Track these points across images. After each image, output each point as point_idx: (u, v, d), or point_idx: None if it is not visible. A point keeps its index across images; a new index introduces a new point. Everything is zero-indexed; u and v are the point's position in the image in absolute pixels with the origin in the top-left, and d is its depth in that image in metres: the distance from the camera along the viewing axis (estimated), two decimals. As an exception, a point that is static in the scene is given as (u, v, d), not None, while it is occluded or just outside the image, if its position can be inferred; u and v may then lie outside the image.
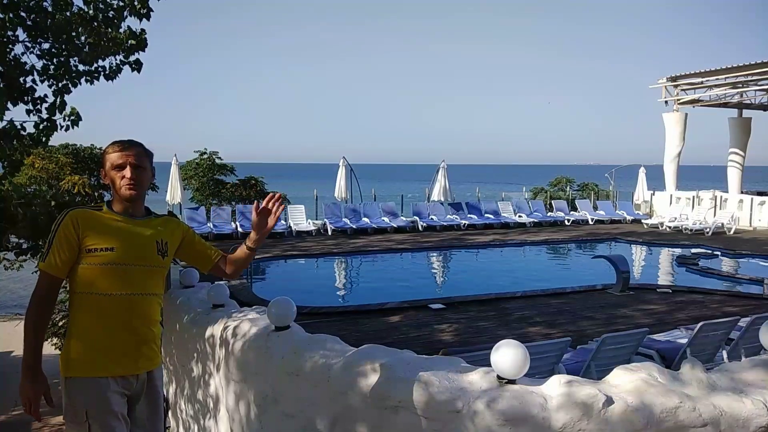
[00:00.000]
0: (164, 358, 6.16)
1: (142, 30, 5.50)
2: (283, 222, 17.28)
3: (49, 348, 17.64)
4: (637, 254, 15.34)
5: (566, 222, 19.72)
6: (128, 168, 2.57)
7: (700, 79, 21.15)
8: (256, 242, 2.83)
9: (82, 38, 5.22)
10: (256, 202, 2.89)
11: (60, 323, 18.22)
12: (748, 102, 22.41)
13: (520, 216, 19.59)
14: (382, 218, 17.97)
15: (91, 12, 5.22)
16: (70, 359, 2.56)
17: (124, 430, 2.56)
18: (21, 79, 5.09)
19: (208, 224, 16.54)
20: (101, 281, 2.52)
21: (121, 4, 5.32)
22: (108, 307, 2.53)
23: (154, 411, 2.74)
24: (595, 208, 21.51)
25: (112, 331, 2.55)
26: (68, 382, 2.56)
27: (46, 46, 5.20)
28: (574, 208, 21.52)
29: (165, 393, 2.39)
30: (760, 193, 21.62)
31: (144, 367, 2.66)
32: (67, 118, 5.22)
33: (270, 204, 2.79)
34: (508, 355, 2.91)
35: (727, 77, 19.91)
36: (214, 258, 2.90)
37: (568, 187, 26.55)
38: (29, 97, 5.17)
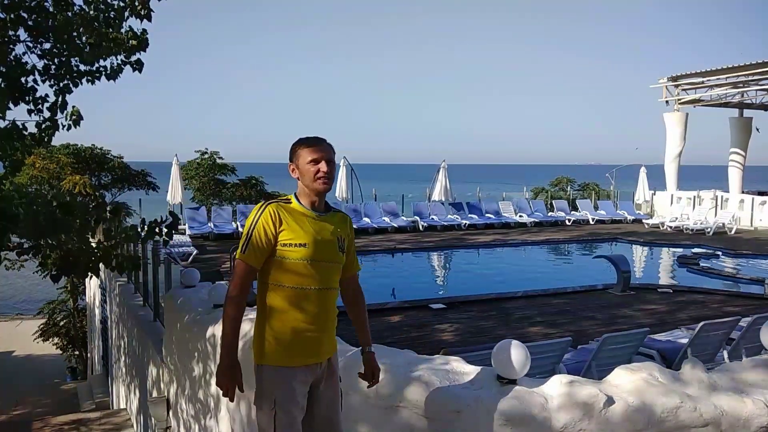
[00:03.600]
0: (165, 358, 6.17)
1: (144, 30, 5.49)
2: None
3: (50, 348, 17.68)
4: (638, 254, 15.34)
5: (567, 222, 19.73)
6: (324, 163, 2.68)
7: (700, 79, 21.14)
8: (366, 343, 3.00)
9: (83, 38, 5.22)
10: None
11: (61, 323, 18.27)
12: (749, 102, 22.40)
13: (521, 216, 19.60)
14: (383, 218, 17.97)
15: (92, 12, 5.22)
16: (263, 348, 2.67)
17: (300, 420, 2.68)
18: (22, 79, 5.09)
19: (209, 224, 16.55)
20: (293, 275, 2.62)
21: (121, 4, 5.31)
22: (298, 300, 2.64)
23: (335, 393, 2.85)
24: (596, 208, 21.51)
25: (301, 323, 2.65)
26: (261, 370, 2.67)
27: (47, 46, 5.20)
28: (575, 208, 21.52)
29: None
30: (761, 193, 21.61)
31: (326, 354, 2.77)
32: (68, 118, 5.21)
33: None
34: (508, 355, 2.91)
35: (728, 77, 19.91)
36: (353, 272, 2.96)
37: (568, 187, 26.56)
38: (30, 97, 5.16)
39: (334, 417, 2.81)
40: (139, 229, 5.15)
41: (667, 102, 22.20)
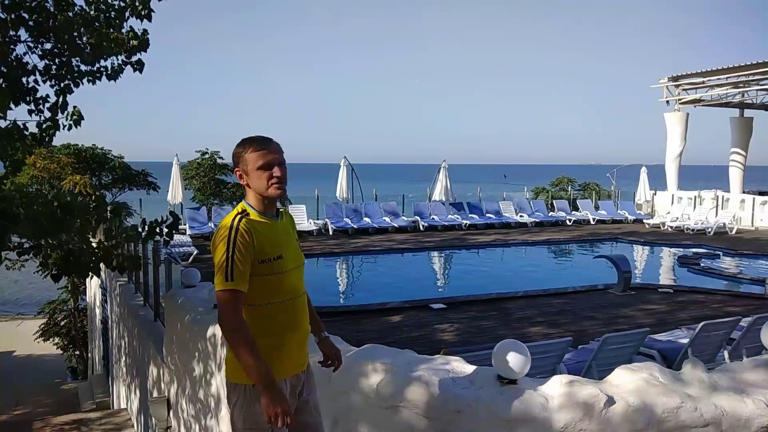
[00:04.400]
0: (165, 358, 6.17)
1: (144, 30, 5.49)
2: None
3: (51, 348, 17.69)
4: (639, 254, 15.34)
5: (568, 222, 19.72)
6: (277, 167, 2.49)
7: (701, 79, 21.13)
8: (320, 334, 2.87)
9: (84, 39, 5.23)
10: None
11: (62, 323, 18.28)
12: (750, 102, 22.39)
13: (521, 216, 19.59)
14: (384, 218, 17.97)
15: (92, 13, 5.23)
16: None
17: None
18: (23, 79, 5.10)
19: (210, 224, 16.54)
20: (273, 290, 2.49)
21: (122, 4, 5.32)
22: (279, 314, 2.51)
23: (316, 396, 2.79)
24: (597, 207, 21.50)
25: (284, 336, 2.54)
26: (248, 391, 2.47)
27: (48, 46, 5.21)
28: (576, 208, 21.51)
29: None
30: (761, 193, 21.61)
31: (306, 361, 2.70)
32: (69, 118, 5.21)
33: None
34: (509, 355, 2.91)
35: (729, 77, 19.90)
36: None
37: (569, 187, 26.54)
38: (31, 97, 5.17)
39: (319, 419, 2.77)
40: (140, 229, 5.15)
41: (667, 102, 22.20)
